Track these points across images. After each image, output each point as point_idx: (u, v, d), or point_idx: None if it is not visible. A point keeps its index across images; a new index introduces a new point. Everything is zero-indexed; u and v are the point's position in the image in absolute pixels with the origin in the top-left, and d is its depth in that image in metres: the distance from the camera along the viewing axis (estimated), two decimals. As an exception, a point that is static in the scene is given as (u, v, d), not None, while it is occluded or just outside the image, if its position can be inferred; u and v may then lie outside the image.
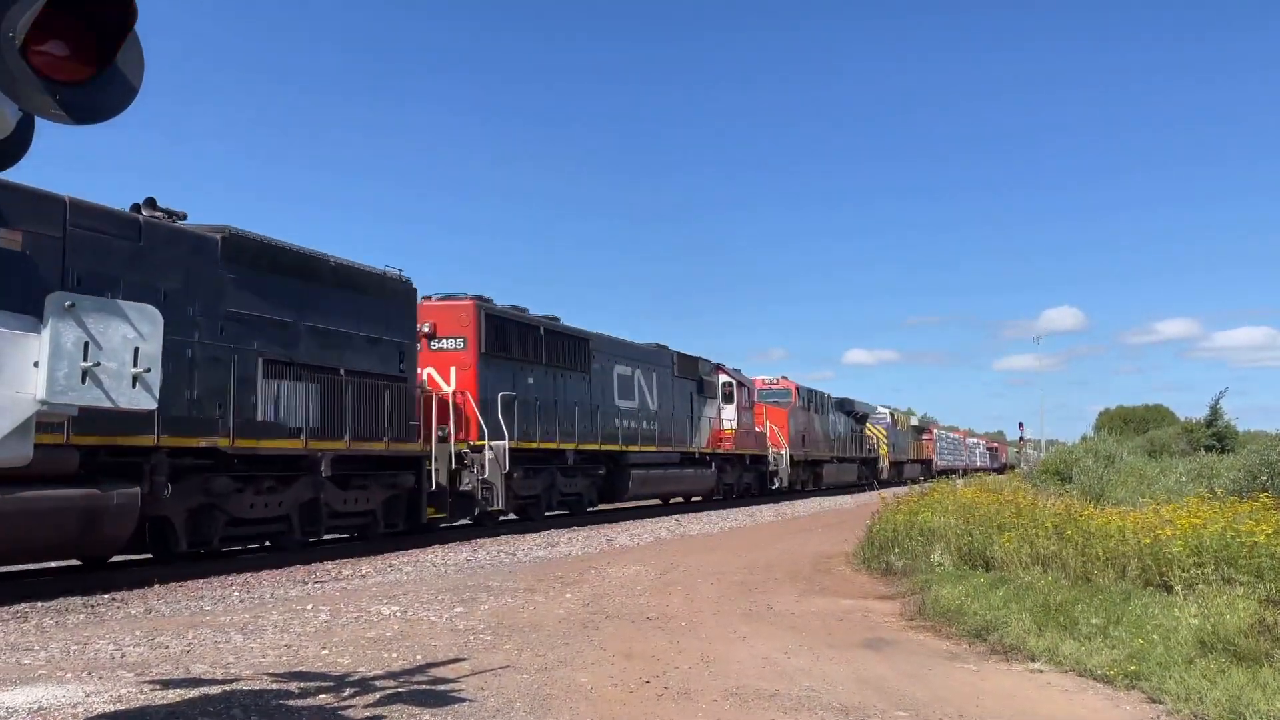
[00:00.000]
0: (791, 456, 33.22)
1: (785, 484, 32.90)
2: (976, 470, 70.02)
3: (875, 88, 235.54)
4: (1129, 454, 26.23)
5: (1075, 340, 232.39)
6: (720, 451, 28.21)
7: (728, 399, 29.01)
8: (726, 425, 28.68)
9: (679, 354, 26.19)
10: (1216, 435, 36.09)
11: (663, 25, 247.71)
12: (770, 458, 32.02)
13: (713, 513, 24.87)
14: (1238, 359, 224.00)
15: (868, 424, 46.74)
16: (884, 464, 48.39)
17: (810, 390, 38.26)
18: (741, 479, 30.79)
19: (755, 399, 32.07)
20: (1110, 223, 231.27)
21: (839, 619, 8.36)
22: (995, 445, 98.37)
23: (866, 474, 45.93)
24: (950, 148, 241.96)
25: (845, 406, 42.58)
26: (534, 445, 18.70)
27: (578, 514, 21.34)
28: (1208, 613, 6.59)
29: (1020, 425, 79.87)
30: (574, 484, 20.82)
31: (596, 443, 20.97)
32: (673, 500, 28.32)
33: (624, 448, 22.32)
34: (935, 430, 69.25)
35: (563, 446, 19.78)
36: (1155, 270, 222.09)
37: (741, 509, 26.84)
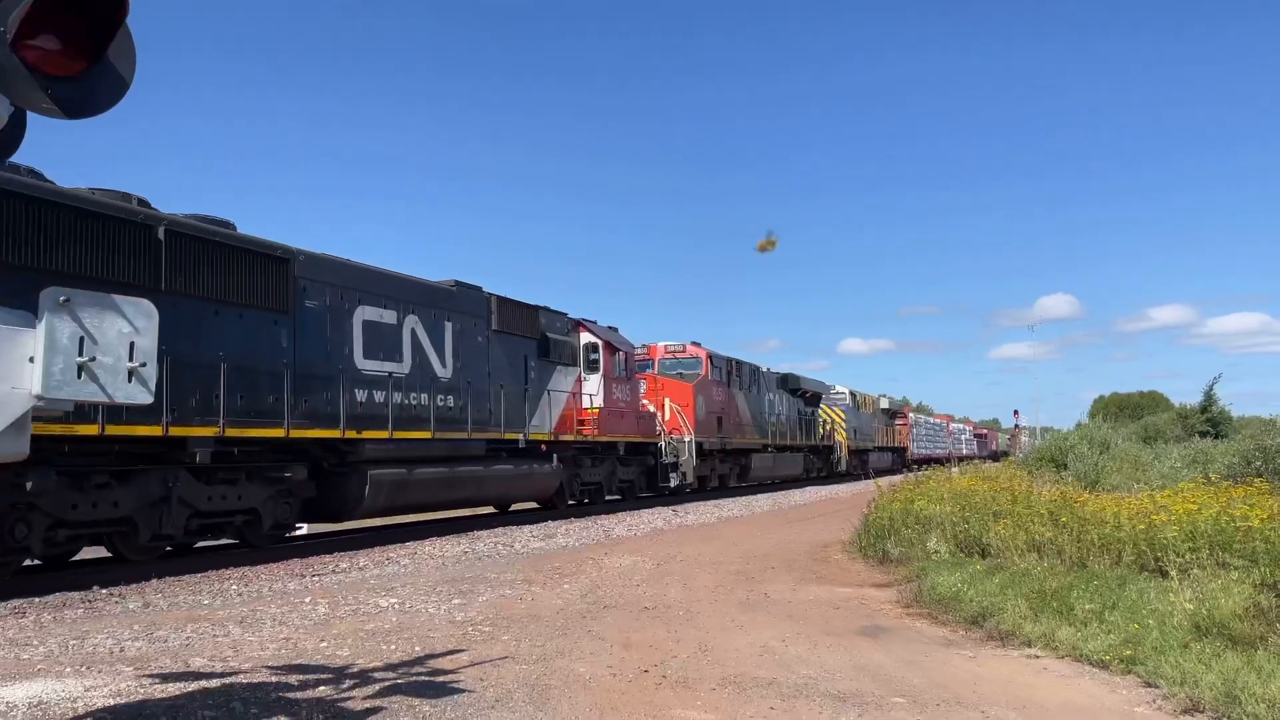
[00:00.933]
0: (700, 444, 25.97)
1: (690, 479, 25.53)
2: (962, 459, 66.10)
3: (869, 77, 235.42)
4: (1124, 440, 26.29)
5: (1070, 328, 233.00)
6: (575, 439, 20.30)
7: (592, 367, 21.15)
8: (591, 403, 21.10)
9: (502, 299, 18.00)
10: (1211, 421, 36.18)
11: (662, 21, 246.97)
12: (663, 446, 24.48)
13: (708, 503, 24.88)
14: (1232, 345, 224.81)
15: (821, 405, 40.16)
16: (841, 453, 41.72)
17: (732, 361, 30.34)
18: (615, 475, 22.83)
19: (636, 368, 24.34)
20: (1105, 209, 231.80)
21: (836, 607, 8.38)
22: (984, 432, 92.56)
23: (818, 465, 39.08)
24: (945, 137, 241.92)
25: (790, 384, 35.91)
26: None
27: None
28: (1203, 597, 6.62)
29: (1015, 413, 74.83)
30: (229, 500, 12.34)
31: (283, 428, 12.64)
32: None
33: (355, 434, 13.90)
34: (911, 414, 62.94)
35: (190, 433, 11.29)
36: (1150, 257, 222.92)
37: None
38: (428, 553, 13.19)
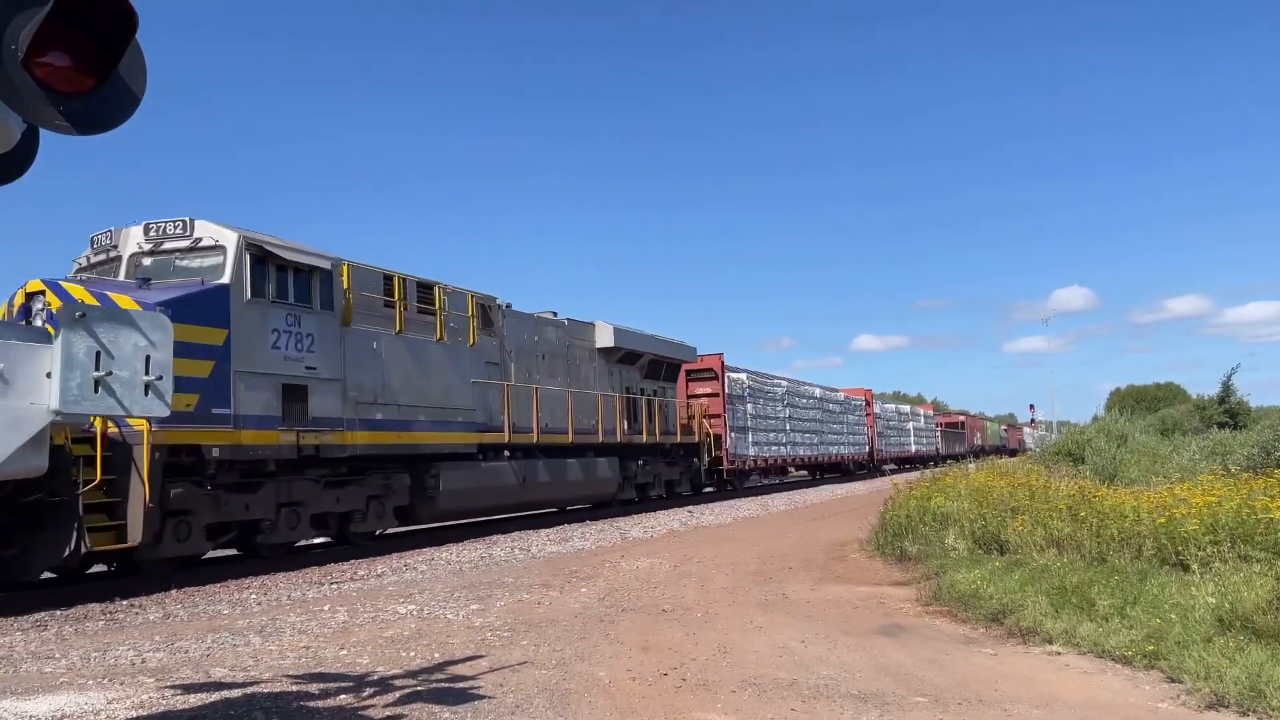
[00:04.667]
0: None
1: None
2: (917, 459, 55.66)
3: (886, 78, 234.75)
4: (1141, 433, 26.14)
5: (1085, 320, 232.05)
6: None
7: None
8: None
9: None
10: (1229, 412, 35.98)
11: (676, 32, 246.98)
12: None
13: (725, 503, 24.85)
14: (1249, 334, 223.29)
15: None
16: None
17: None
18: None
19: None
20: (1120, 201, 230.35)
21: (855, 606, 8.35)
22: (961, 419, 77.15)
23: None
24: (961, 133, 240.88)
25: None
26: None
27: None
28: (1225, 591, 6.56)
29: (1031, 407, 72.84)
30: None
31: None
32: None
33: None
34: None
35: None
36: (1165, 247, 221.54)
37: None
38: (445, 559, 13.21)
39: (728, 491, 29.87)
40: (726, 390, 29.88)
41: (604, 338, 22.54)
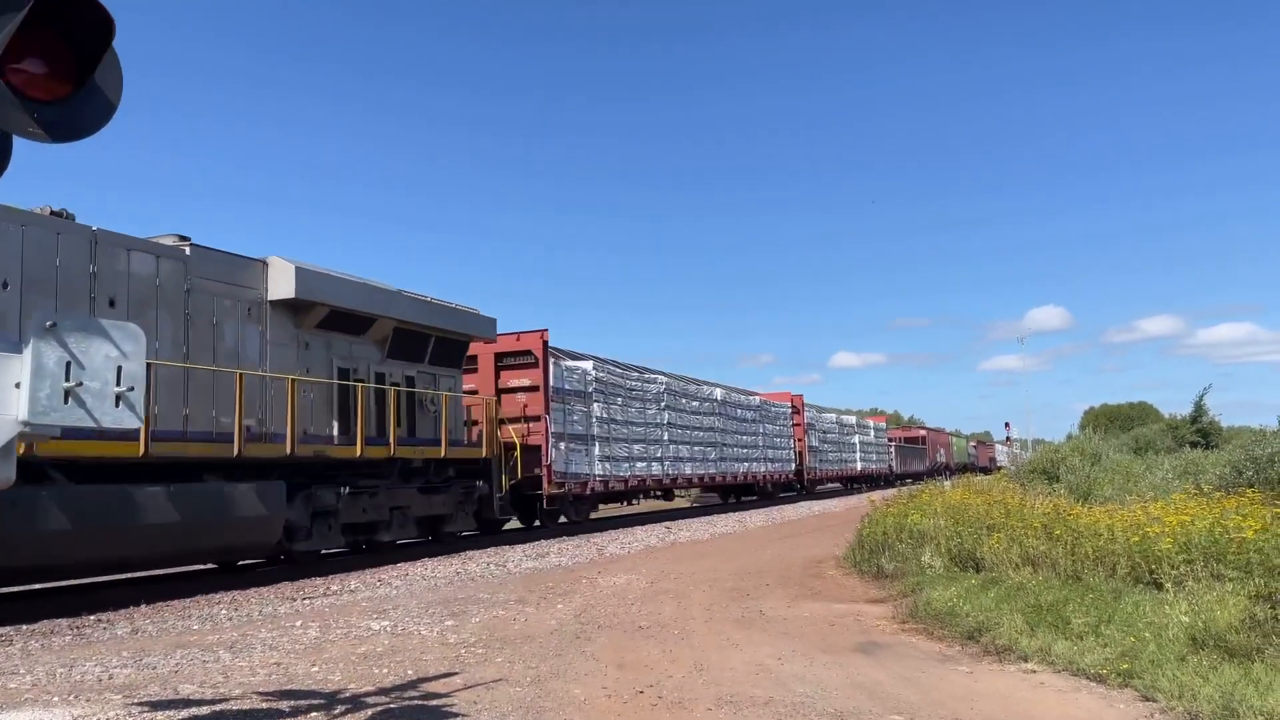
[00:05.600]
0: None
1: None
2: (865, 479, 49.47)
3: (859, 92, 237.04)
4: (1115, 452, 26.34)
5: (1060, 339, 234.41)
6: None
7: None
8: None
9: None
10: (1201, 431, 36.33)
11: (642, 36, 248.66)
12: None
13: (702, 519, 24.81)
14: (1221, 355, 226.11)
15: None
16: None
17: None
18: None
19: None
20: (1094, 221, 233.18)
21: (831, 623, 8.34)
22: (921, 433, 69.28)
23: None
24: (935, 151, 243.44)
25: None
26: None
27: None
28: (1198, 609, 6.61)
29: (1007, 425, 72.93)
30: None
31: None
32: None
33: None
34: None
35: None
36: (1139, 268, 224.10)
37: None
38: (420, 574, 13.10)
39: (545, 529, 21.48)
40: (551, 383, 20.88)
41: (281, 283, 14.03)
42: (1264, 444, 17.08)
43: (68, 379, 3.26)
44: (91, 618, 9.59)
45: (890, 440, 58.21)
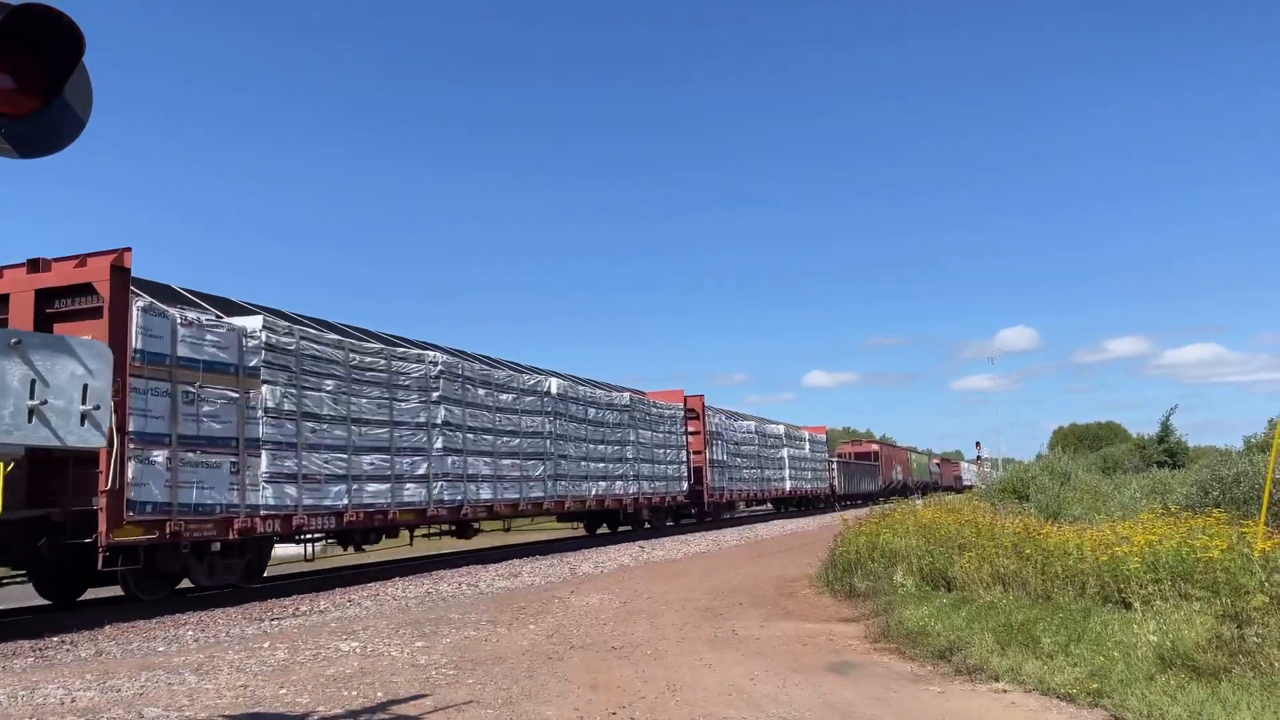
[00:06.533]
0: None
1: None
2: (796, 499, 41.65)
3: (830, 109, 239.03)
4: (1084, 471, 26.59)
5: (1030, 360, 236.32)
6: None
7: None
8: None
9: None
10: (1168, 451, 36.80)
11: (629, 65, 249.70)
12: None
13: (675, 538, 24.76)
14: (1187, 375, 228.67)
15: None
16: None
17: None
18: None
19: None
20: (1063, 244, 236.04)
21: (804, 643, 8.34)
22: (874, 449, 61.60)
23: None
24: (910, 171, 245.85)
25: None
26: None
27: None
28: (1166, 629, 6.67)
29: (978, 444, 73.34)
30: None
31: None
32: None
33: None
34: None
35: None
36: (1107, 289, 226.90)
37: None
38: (390, 594, 12.98)
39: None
40: (139, 345, 11.58)
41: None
42: (1230, 464, 17.33)
43: (32, 397, 3.22)
44: (55, 639, 9.42)
45: (835, 456, 50.85)
